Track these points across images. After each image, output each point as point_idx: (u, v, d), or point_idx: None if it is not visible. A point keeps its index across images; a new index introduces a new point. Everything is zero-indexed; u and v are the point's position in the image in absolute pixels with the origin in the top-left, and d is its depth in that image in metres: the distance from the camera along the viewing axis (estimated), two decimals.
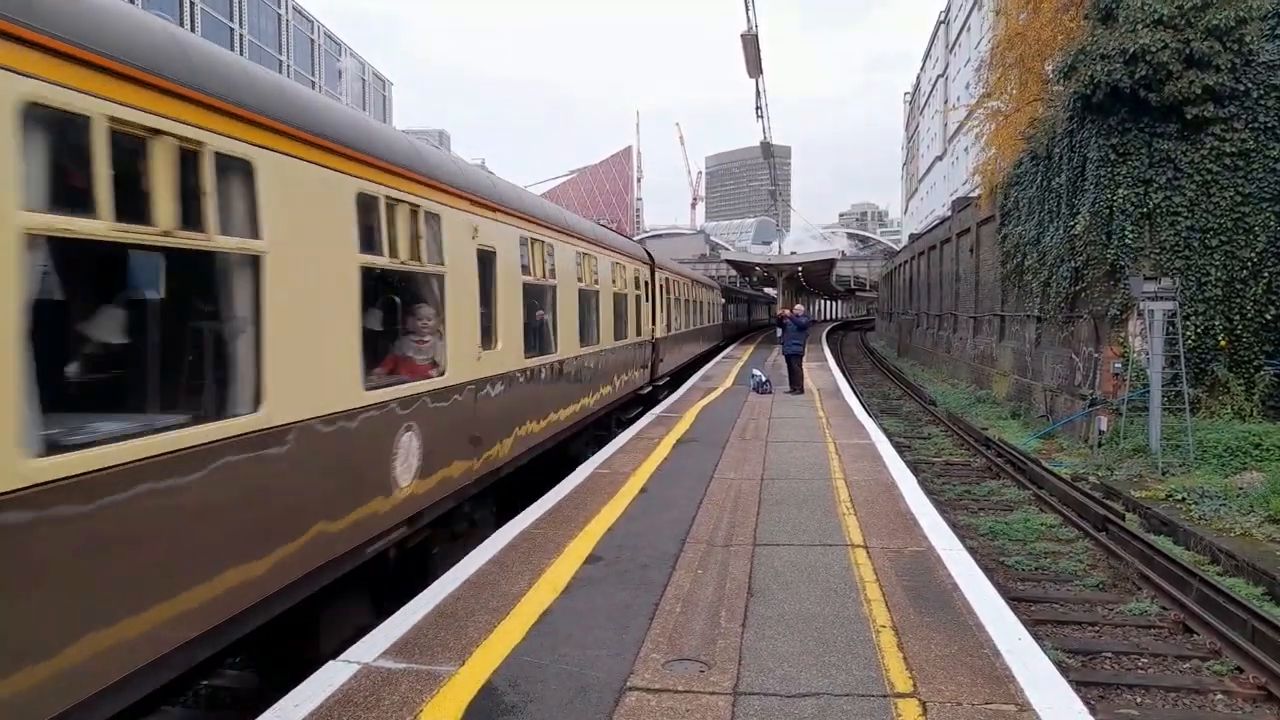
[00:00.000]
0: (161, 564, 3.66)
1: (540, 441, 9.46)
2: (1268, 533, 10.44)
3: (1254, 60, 15.94)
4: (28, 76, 3.01)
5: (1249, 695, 6.58)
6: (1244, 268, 16.02)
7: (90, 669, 3.26)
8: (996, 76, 23.89)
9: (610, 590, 5.80)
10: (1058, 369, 19.75)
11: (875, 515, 7.84)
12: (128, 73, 3.48)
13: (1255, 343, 16.03)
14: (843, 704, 4.13)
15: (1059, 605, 8.62)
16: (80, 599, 3.22)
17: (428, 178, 6.41)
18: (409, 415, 5.91)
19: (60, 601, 3.13)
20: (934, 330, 37.98)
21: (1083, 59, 16.36)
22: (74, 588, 3.19)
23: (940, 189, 69.21)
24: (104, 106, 3.35)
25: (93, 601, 3.28)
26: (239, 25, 46.23)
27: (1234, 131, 16.02)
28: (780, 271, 47.26)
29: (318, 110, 5.19)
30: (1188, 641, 7.68)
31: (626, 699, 4.19)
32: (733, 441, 12.09)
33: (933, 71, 78.48)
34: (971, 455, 16.89)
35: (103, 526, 3.34)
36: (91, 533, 3.29)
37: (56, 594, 3.11)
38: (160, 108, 3.66)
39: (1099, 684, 6.73)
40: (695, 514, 7.91)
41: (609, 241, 14.41)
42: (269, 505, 4.43)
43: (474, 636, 4.97)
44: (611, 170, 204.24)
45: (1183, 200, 16.23)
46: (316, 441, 4.81)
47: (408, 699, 4.19)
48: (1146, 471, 13.91)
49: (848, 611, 5.37)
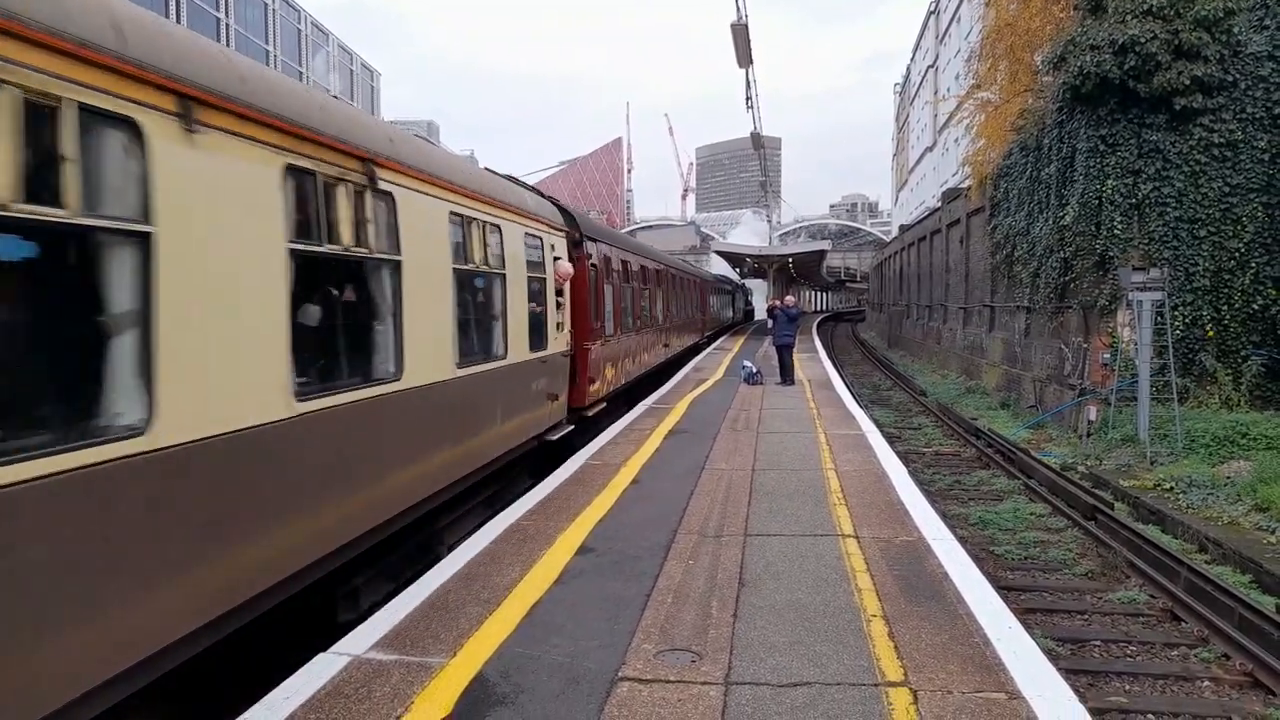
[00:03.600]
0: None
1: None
2: (1254, 521, 10.51)
3: (1242, 51, 16.00)
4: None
5: (1236, 682, 6.64)
6: (1232, 258, 16.10)
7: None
8: (986, 67, 23.87)
9: (602, 581, 5.79)
10: (1047, 359, 19.84)
11: (866, 505, 7.86)
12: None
13: (1243, 333, 16.13)
14: (834, 693, 4.13)
15: (1048, 594, 8.67)
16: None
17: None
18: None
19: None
20: (924, 321, 38.10)
21: (1072, 50, 16.38)
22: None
23: (930, 180, 69.27)
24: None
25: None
26: (225, 15, 45.81)
27: (1222, 122, 16.09)
28: (771, 263, 47.22)
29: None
30: (1176, 629, 7.75)
31: (618, 689, 4.19)
32: (724, 432, 12.09)
33: (922, 63, 78.43)
34: (961, 445, 16.95)
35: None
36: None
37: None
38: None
39: (1088, 671, 6.78)
40: (687, 505, 7.91)
41: (465, 183, 7.90)
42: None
43: (465, 628, 4.96)
44: (601, 162, 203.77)
45: (1171, 191, 16.30)
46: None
47: (399, 690, 4.17)
48: (1135, 461, 13.99)
49: (839, 601, 5.38)
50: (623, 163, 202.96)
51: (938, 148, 66.48)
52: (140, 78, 3.72)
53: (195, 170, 4.10)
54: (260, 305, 4.62)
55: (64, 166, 3.31)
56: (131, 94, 3.68)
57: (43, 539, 3.23)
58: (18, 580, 3.11)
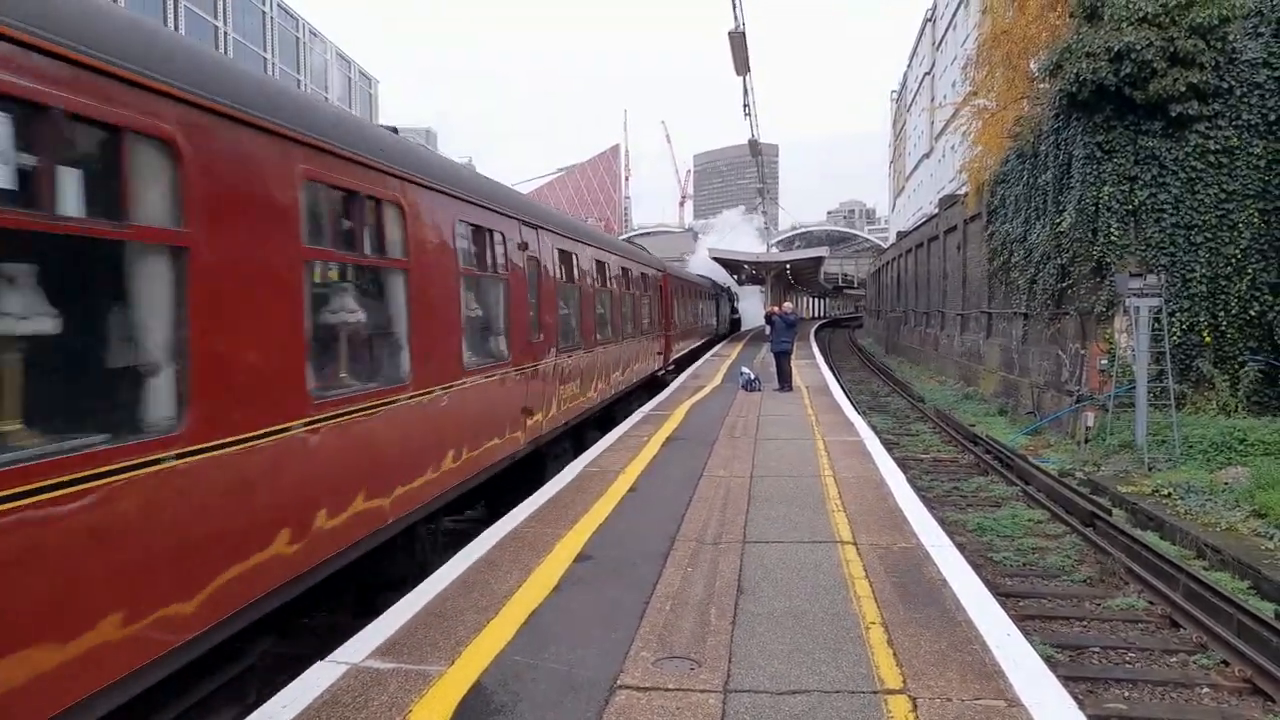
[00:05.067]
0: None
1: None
2: (1253, 527, 10.51)
3: (1237, 58, 16.05)
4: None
5: (1235, 688, 6.63)
6: (1228, 264, 16.13)
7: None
8: (983, 74, 23.94)
9: (600, 588, 5.78)
10: (1044, 365, 19.85)
11: (864, 512, 7.85)
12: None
13: (1239, 338, 16.15)
14: (833, 701, 4.12)
15: (1047, 600, 8.65)
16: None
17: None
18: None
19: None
20: (922, 328, 38.13)
21: (1068, 56, 16.43)
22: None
23: (927, 186, 69.46)
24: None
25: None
26: (223, 23, 45.90)
27: (1218, 129, 16.14)
28: (769, 269, 47.32)
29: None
30: (1174, 636, 7.73)
31: (616, 697, 4.18)
32: (722, 439, 12.09)
33: (919, 69, 78.70)
34: (959, 452, 16.95)
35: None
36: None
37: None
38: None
39: (1087, 678, 6.76)
40: (685, 511, 7.90)
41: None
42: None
43: (463, 636, 4.95)
44: (599, 169, 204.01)
45: (1167, 197, 16.34)
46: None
47: (396, 699, 4.16)
48: (1132, 467, 13.98)
49: (837, 608, 5.37)
50: (620, 169, 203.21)
51: (934, 154, 66.66)
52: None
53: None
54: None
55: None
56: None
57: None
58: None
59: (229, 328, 4.30)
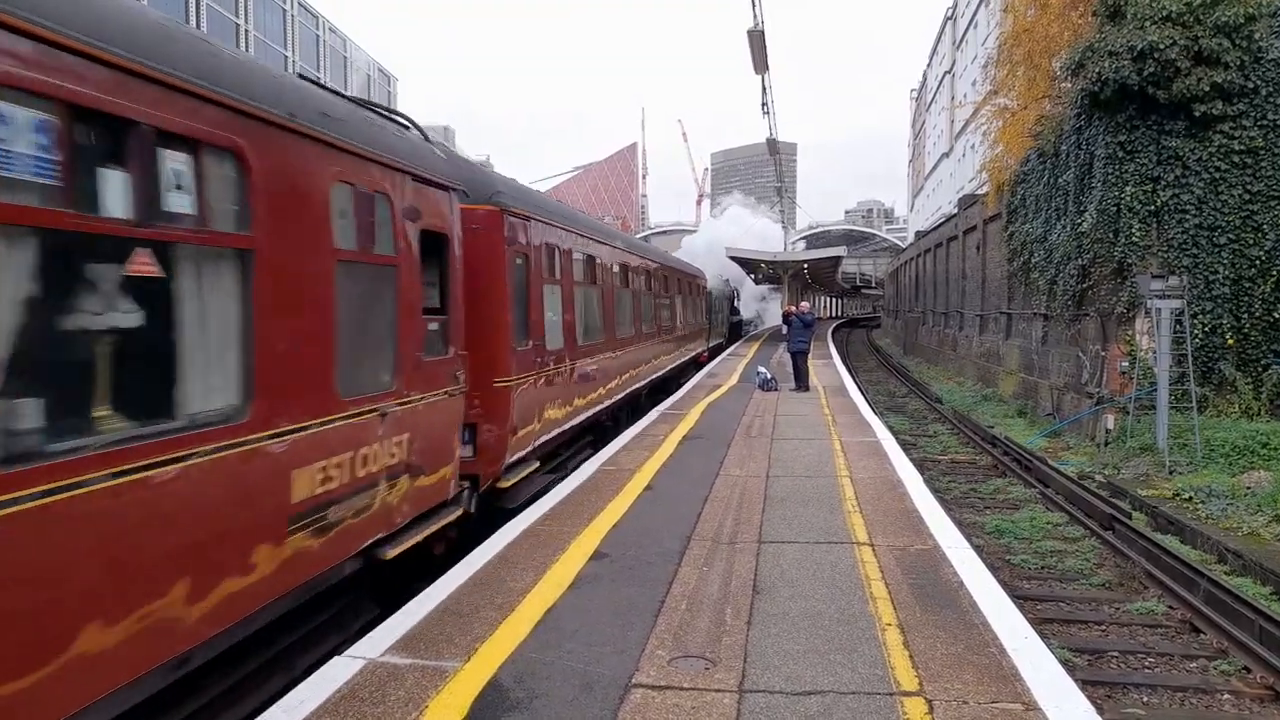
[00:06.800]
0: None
1: None
2: (1275, 532, 10.39)
3: (1263, 57, 15.84)
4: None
5: (1256, 695, 6.55)
6: (1252, 266, 15.93)
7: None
8: (1004, 73, 23.73)
9: (616, 587, 5.80)
10: (1064, 367, 19.69)
11: (881, 513, 7.83)
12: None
13: (1263, 341, 15.95)
14: (848, 702, 4.12)
15: (1065, 604, 8.59)
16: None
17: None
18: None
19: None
20: (940, 328, 37.90)
21: (1090, 56, 16.27)
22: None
23: (946, 186, 68.96)
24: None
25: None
26: (245, 21, 46.32)
27: (1243, 129, 15.92)
28: (786, 269, 47.11)
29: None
30: (1195, 641, 7.66)
31: (632, 696, 4.19)
32: (738, 438, 12.08)
33: (939, 68, 78.14)
34: (977, 453, 16.84)
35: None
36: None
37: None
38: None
39: (1105, 683, 6.71)
40: (701, 511, 7.91)
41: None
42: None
43: (480, 632, 4.98)
44: (617, 167, 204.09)
45: (1191, 198, 16.15)
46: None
47: (413, 695, 4.19)
48: (1153, 470, 13.85)
49: (853, 609, 5.36)
50: (637, 168, 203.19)
51: (954, 154, 66.21)
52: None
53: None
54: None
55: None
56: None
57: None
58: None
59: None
